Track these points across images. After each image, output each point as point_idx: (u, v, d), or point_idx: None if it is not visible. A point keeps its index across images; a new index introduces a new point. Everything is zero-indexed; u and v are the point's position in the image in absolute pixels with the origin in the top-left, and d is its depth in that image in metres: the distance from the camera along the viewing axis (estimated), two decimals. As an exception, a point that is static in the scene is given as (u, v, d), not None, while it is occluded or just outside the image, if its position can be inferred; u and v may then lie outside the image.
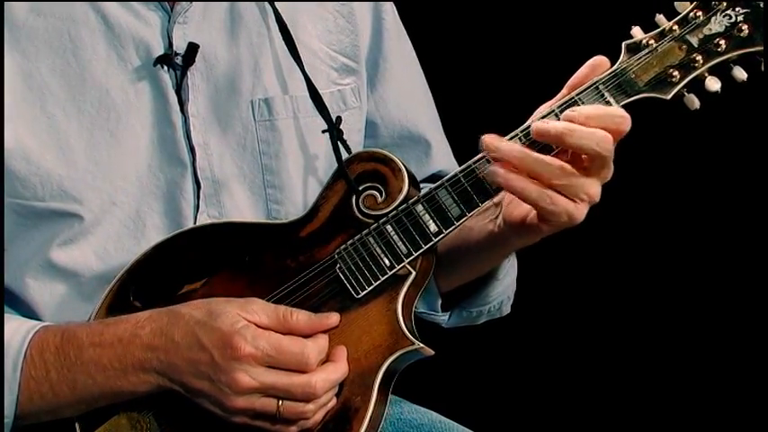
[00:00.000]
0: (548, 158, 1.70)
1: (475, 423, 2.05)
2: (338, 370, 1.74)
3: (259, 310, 1.72)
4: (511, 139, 1.76)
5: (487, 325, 2.05)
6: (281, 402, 1.71)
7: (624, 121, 1.71)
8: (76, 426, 1.79)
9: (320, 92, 1.88)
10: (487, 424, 2.06)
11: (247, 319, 1.71)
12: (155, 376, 1.73)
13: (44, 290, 1.83)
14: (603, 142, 1.68)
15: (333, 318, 1.77)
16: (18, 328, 1.77)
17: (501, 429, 2.43)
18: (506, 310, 2.02)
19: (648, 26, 1.80)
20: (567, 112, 1.72)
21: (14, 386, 1.75)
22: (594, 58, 1.77)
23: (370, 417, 1.75)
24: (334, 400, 1.75)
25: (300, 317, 1.74)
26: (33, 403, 1.76)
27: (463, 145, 2.09)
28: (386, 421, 1.81)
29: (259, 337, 1.70)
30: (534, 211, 1.75)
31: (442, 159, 2.08)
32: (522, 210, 1.78)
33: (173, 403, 1.76)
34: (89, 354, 1.74)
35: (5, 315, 1.80)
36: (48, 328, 1.78)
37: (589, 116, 1.70)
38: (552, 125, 1.70)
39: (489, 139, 1.72)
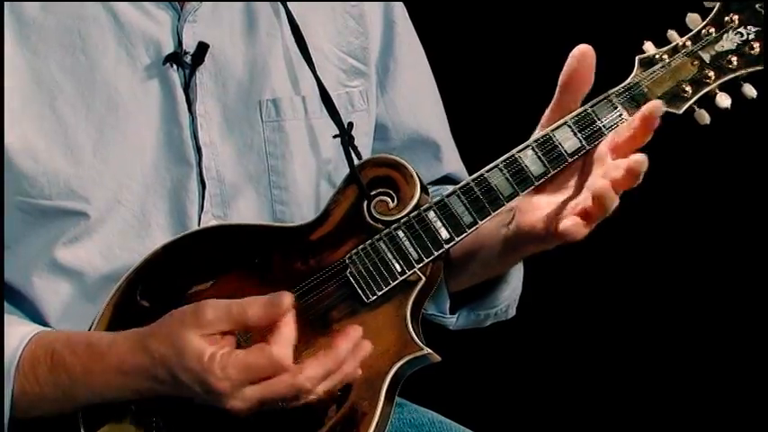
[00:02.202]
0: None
1: (475, 423, 2.07)
2: (323, 364, 1.68)
3: (214, 319, 1.67)
4: (523, 149, 1.78)
5: (487, 325, 2.06)
6: (281, 403, 1.70)
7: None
8: (81, 428, 1.78)
9: (329, 93, 1.88)
10: (487, 424, 2.08)
11: (207, 335, 1.66)
12: (152, 394, 1.73)
13: (49, 289, 1.83)
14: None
15: (286, 298, 1.68)
16: (11, 336, 1.76)
17: (501, 429, 2.45)
18: (512, 312, 2.04)
19: (659, 41, 1.82)
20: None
21: (7, 392, 1.75)
22: (577, 48, 1.74)
23: (377, 421, 1.77)
24: (358, 371, 1.71)
25: (254, 311, 1.67)
26: (34, 410, 1.77)
27: (469, 148, 2.12)
28: (386, 421, 1.83)
29: (226, 365, 1.65)
30: (542, 224, 1.76)
31: (452, 162, 2.09)
32: (532, 218, 1.78)
33: (180, 405, 1.76)
34: (84, 380, 1.73)
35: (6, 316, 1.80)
36: (38, 343, 1.76)
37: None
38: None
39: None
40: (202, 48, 1.85)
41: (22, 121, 1.79)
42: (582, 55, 1.72)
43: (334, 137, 1.87)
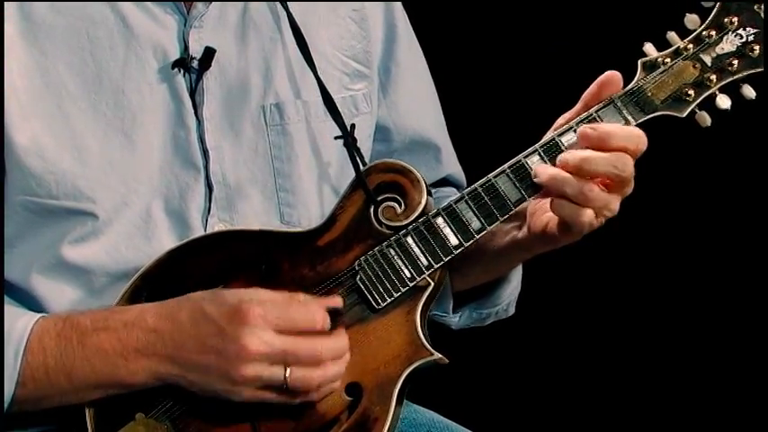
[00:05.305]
0: (582, 183, 1.74)
1: (475, 423, 2.08)
2: (341, 341, 1.75)
3: (264, 291, 1.74)
4: (529, 155, 1.80)
5: (487, 325, 2.08)
6: (288, 371, 1.71)
7: (641, 140, 1.76)
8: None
9: (332, 97, 1.89)
10: (487, 424, 2.09)
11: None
12: (155, 361, 1.73)
13: (54, 287, 1.83)
14: (621, 164, 1.74)
15: (336, 300, 1.78)
16: (21, 316, 1.77)
17: (501, 429, 2.46)
18: (512, 310, 2.07)
19: (658, 41, 1.83)
20: (587, 129, 1.76)
21: (14, 374, 1.74)
22: (607, 73, 1.81)
23: (389, 426, 1.78)
24: (338, 383, 1.76)
25: (305, 296, 1.76)
26: (26, 388, 1.75)
27: (470, 151, 2.13)
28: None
29: (266, 301, 1.71)
30: (554, 221, 1.79)
31: (451, 164, 2.11)
32: (544, 219, 1.82)
33: (189, 410, 1.77)
34: (92, 339, 1.74)
35: (9, 306, 1.79)
36: (49, 316, 1.78)
37: (606, 137, 1.75)
38: (570, 155, 1.76)
39: (539, 168, 1.77)
40: (209, 53, 1.86)
41: (31, 121, 1.80)
42: (609, 81, 1.79)
43: (336, 138, 1.88)
